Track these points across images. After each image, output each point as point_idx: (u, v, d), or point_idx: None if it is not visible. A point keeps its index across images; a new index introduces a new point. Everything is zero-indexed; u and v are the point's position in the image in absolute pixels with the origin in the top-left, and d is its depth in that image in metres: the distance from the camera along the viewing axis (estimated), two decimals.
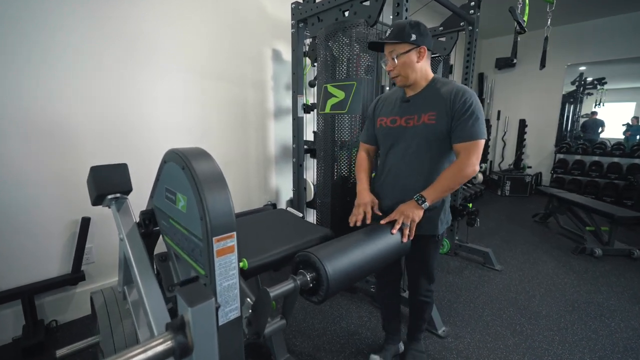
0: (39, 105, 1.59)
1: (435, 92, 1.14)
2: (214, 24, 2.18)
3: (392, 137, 1.22)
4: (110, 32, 1.76)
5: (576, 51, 4.84)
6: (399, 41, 1.10)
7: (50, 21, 1.57)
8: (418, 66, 1.13)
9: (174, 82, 2.05)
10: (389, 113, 1.25)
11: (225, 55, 2.27)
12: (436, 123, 1.11)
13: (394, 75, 1.17)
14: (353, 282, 0.96)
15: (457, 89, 1.10)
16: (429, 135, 1.13)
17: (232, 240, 0.70)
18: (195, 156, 0.73)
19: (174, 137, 2.09)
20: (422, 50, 1.12)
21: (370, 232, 1.04)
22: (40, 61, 1.57)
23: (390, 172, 1.25)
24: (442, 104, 1.10)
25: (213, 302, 0.59)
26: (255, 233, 1.37)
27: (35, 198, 1.63)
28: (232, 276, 0.72)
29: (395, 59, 1.12)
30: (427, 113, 1.13)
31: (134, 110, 1.91)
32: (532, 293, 2.14)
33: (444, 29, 2.48)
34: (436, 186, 1.08)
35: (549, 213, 3.55)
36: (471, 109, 1.06)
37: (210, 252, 0.67)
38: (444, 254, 2.74)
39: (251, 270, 1.13)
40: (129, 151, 1.89)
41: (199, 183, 0.68)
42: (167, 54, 1.99)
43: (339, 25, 1.92)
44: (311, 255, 0.86)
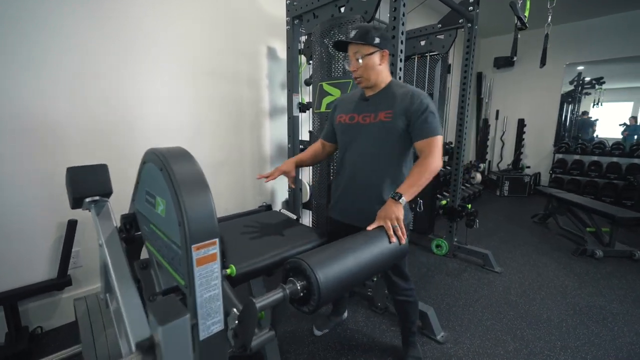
0: (25, 104, 1.53)
1: (393, 93, 1.20)
2: (207, 19, 2.12)
3: (350, 134, 1.28)
4: (97, 28, 1.69)
5: (574, 50, 4.81)
6: (364, 43, 1.15)
7: (36, 19, 1.51)
8: (379, 68, 1.20)
9: (166, 79, 1.99)
10: (347, 111, 1.30)
11: (219, 52, 2.21)
12: (392, 121, 1.17)
13: (357, 75, 1.21)
14: (347, 290, 0.91)
15: (412, 91, 1.18)
16: (385, 132, 1.19)
17: (213, 248, 0.65)
18: (174, 156, 0.67)
19: (166, 136, 2.03)
20: (385, 54, 1.19)
21: (364, 237, 0.99)
22: (26, 59, 1.50)
23: (348, 168, 1.29)
24: (398, 104, 1.17)
25: (187, 320, 0.53)
26: (246, 236, 1.32)
27: (20, 200, 1.57)
28: (214, 287, 0.66)
29: (360, 60, 1.16)
30: (384, 111, 1.19)
31: (124, 108, 1.84)
32: (532, 296, 2.10)
33: (442, 26, 2.43)
34: (408, 182, 1.09)
35: (548, 214, 3.51)
36: (428, 109, 1.13)
37: (190, 261, 0.62)
38: (442, 256, 2.69)
39: (240, 277, 1.07)
40: (118, 151, 1.83)
41: (176, 185, 0.62)
42: (158, 50, 1.93)
43: (335, 22, 1.86)
44: (302, 262, 0.80)
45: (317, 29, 1.95)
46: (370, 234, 1.01)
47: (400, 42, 1.60)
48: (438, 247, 2.73)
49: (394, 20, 1.59)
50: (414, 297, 1.41)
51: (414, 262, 2.58)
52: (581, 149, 4.70)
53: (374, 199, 1.22)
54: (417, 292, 2.12)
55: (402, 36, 1.60)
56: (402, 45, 1.60)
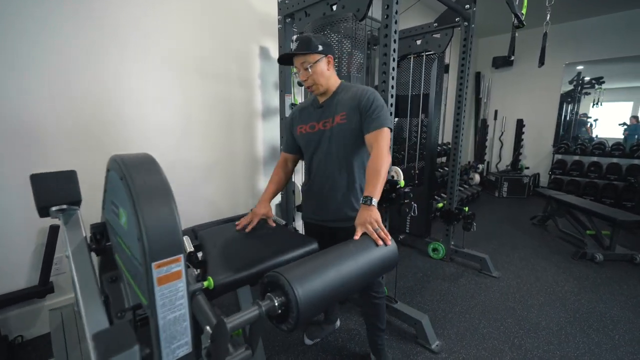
0: (7, 105, 1.47)
1: (344, 95, 1.25)
2: (196, 17, 2.06)
3: (314, 142, 1.30)
4: (82, 27, 1.63)
5: (574, 50, 4.76)
6: (309, 52, 1.18)
7: (21, 16, 1.45)
8: (328, 74, 1.24)
9: (154, 79, 1.93)
10: (306, 120, 1.33)
11: (209, 51, 2.16)
12: (347, 121, 1.21)
13: (308, 84, 1.24)
14: (330, 305, 0.85)
15: (361, 89, 1.23)
16: (344, 133, 1.23)
17: (177, 265, 0.59)
18: (135, 164, 0.61)
19: (153, 138, 1.97)
20: (330, 59, 1.23)
21: (348, 246, 0.93)
22: (8, 58, 1.44)
23: (317, 175, 1.33)
24: (349, 103, 1.21)
25: (136, 351, 0.47)
26: (232, 243, 1.26)
27: (0, 203, 1.51)
28: (179, 307, 0.61)
29: (309, 68, 1.19)
30: (339, 114, 1.23)
31: (110, 108, 1.78)
32: (530, 302, 2.04)
33: (438, 25, 2.38)
34: (372, 183, 1.08)
35: (547, 216, 3.46)
36: (375, 103, 1.17)
37: (150, 280, 0.56)
38: (439, 260, 2.64)
39: (222, 287, 1.01)
40: (104, 153, 1.76)
41: (136, 196, 0.57)
42: (145, 49, 1.87)
43: (326, 20, 1.81)
44: (280, 277, 0.75)
45: (308, 27, 1.90)
46: (355, 243, 0.95)
47: (393, 41, 1.54)
48: (434, 250, 2.67)
49: (387, 18, 1.53)
50: (384, 292, 1.46)
51: (410, 266, 2.52)
52: (580, 149, 4.64)
53: (344, 200, 1.29)
54: (412, 297, 2.07)
55: (395, 35, 1.54)
56: (395, 44, 1.55)
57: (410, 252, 2.81)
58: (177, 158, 2.11)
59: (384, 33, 1.56)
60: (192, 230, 1.43)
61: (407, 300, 2.04)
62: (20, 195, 1.55)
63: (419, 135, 2.72)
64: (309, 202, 1.42)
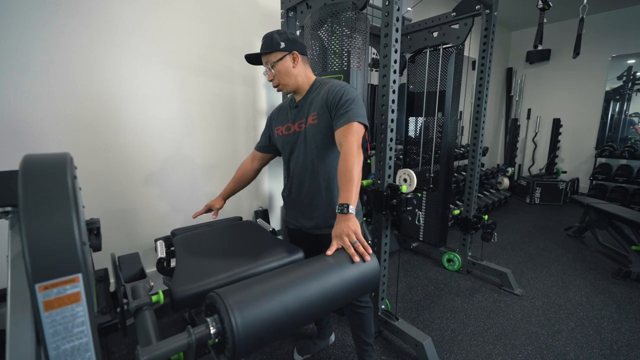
0: (4, 103, 1.49)
1: (317, 93, 1.17)
2: (197, 11, 2.01)
3: (290, 144, 1.24)
4: (80, 19, 1.63)
5: (622, 41, 4.24)
6: (270, 51, 1.12)
7: (20, 15, 1.46)
8: (295, 71, 1.16)
9: (153, 76, 1.90)
10: (283, 121, 1.27)
11: (211, 48, 2.10)
12: (318, 122, 1.14)
13: (275, 84, 1.19)
14: (281, 335, 0.72)
15: (332, 84, 1.13)
16: (317, 134, 1.15)
17: (74, 286, 0.50)
18: (35, 164, 0.53)
19: (153, 137, 1.94)
20: (295, 56, 1.15)
21: (318, 264, 0.80)
22: (6, 57, 1.46)
23: (295, 180, 1.26)
24: (320, 102, 1.13)
25: None
26: (205, 251, 1.17)
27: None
28: (78, 335, 0.51)
29: (272, 68, 1.13)
30: (311, 114, 1.16)
31: (108, 107, 1.77)
32: (558, 327, 1.78)
33: (456, 14, 2.16)
34: (345, 188, 0.96)
35: (585, 227, 3.08)
36: (344, 97, 1.08)
37: (35, 304, 0.47)
38: (453, 272, 2.41)
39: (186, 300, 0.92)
40: (102, 152, 1.76)
41: (21, 201, 0.48)
42: (145, 44, 1.84)
43: (325, 11, 1.68)
44: (217, 299, 0.64)
45: (308, 20, 1.78)
46: (324, 259, 0.82)
47: (395, 30, 1.38)
48: (449, 261, 2.45)
49: (387, 5, 1.38)
50: (370, 302, 1.35)
51: (420, 278, 2.32)
52: (629, 152, 4.12)
53: (323, 206, 1.21)
54: (419, 314, 1.89)
55: (398, 23, 1.38)
56: (398, 33, 1.39)
57: (422, 261, 2.60)
58: (177, 158, 2.07)
59: (385, 22, 1.40)
60: (172, 234, 1.37)
61: (413, 316, 1.86)
62: None
63: (434, 136, 2.50)
64: (288, 208, 1.36)
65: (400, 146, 2.83)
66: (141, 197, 1.93)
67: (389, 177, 1.49)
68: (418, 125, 2.69)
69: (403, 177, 2.15)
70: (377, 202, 1.48)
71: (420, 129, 2.67)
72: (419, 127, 2.69)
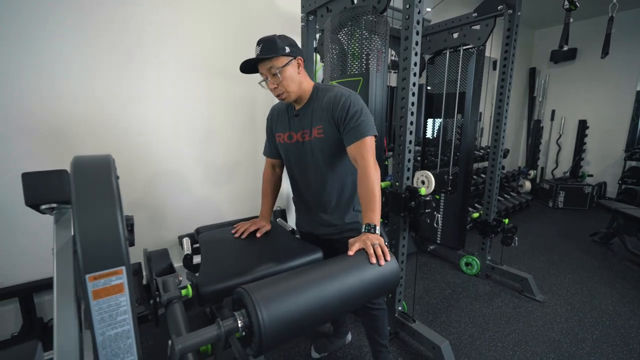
0: (38, 107, 1.60)
1: (319, 102, 1.12)
2: (220, 18, 2.08)
3: (292, 153, 1.22)
4: (110, 29, 1.72)
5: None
6: (274, 55, 1.03)
7: (49, 24, 1.57)
8: (299, 78, 1.10)
9: (179, 80, 1.98)
10: (284, 129, 1.22)
11: (233, 51, 2.17)
12: (324, 136, 1.11)
13: (278, 92, 1.10)
14: (304, 331, 0.75)
15: (334, 94, 1.09)
16: (323, 147, 1.13)
17: (118, 278, 0.54)
18: (83, 165, 0.58)
19: (179, 137, 2.03)
20: (300, 62, 1.10)
21: (337, 265, 0.82)
22: (42, 63, 1.57)
23: (301, 186, 1.26)
24: (325, 115, 1.09)
25: None
26: (228, 249, 1.22)
27: None
28: (121, 323, 0.56)
29: (278, 74, 1.04)
30: (315, 127, 1.12)
31: (138, 109, 1.86)
32: (582, 336, 1.72)
33: (477, 15, 2.13)
34: (369, 208, 0.99)
35: (612, 233, 2.95)
36: (351, 110, 1.05)
37: (85, 293, 0.52)
38: (472, 276, 2.37)
39: (211, 295, 0.97)
40: (132, 152, 1.85)
41: (74, 200, 0.53)
42: (172, 50, 1.92)
43: (346, 14, 1.70)
44: (245, 295, 0.67)
45: (328, 23, 1.81)
46: (345, 260, 0.84)
47: (416, 33, 1.39)
48: (468, 265, 2.41)
49: (408, 8, 1.39)
50: (383, 304, 1.35)
51: (438, 281, 2.30)
52: None
53: (332, 212, 1.22)
54: (436, 317, 1.88)
55: (418, 26, 1.39)
56: (418, 36, 1.40)
57: (440, 264, 2.57)
58: (201, 158, 2.15)
59: (406, 24, 1.41)
60: (197, 232, 1.43)
61: (430, 319, 1.85)
62: None
63: (453, 138, 2.47)
64: (299, 213, 1.37)
65: (418, 147, 2.81)
66: (165, 194, 2.02)
67: (408, 179, 1.49)
68: (436, 126, 2.67)
69: (421, 179, 2.13)
70: (396, 204, 1.49)
71: (438, 130, 2.64)
72: (438, 128, 2.66)
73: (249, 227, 1.28)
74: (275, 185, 1.41)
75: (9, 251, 1.63)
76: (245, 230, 1.27)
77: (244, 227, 1.28)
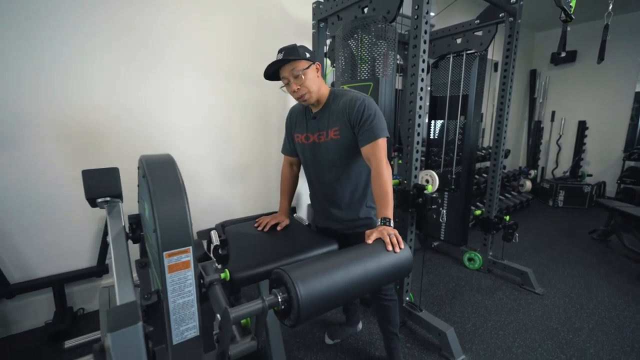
0: (68, 112, 1.72)
1: (335, 106, 1.21)
2: (236, 23, 2.21)
3: (309, 153, 1.32)
4: (135, 41, 1.85)
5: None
6: (298, 58, 1.13)
7: (80, 36, 1.69)
8: (319, 82, 1.20)
9: (199, 85, 2.10)
10: (302, 130, 1.32)
11: (248, 57, 2.29)
12: (340, 137, 1.20)
13: (301, 94, 1.17)
14: (334, 306, 0.86)
15: (349, 99, 1.18)
16: (339, 149, 1.22)
17: (186, 256, 0.66)
18: (155, 164, 0.69)
19: (200, 138, 2.15)
20: (318, 67, 1.20)
21: (359, 251, 0.94)
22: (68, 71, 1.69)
23: (317, 185, 1.36)
24: (341, 117, 1.18)
25: (140, 327, 0.54)
26: (256, 240, 1.33)
27: (66, 195, 1.77)
28: (187, 293, 0.67)
29: (302, 75, 1.14)
30: (332, 129, 1.21)
31: (161, 112, 1.99)
32: (579, 325, 1.83)
33: (480, 22, 2.24)
34: (382, 204, 1.09)
35: (610, 230, 3.06)
36: (365, 114, 1.14)
37: (162, 267, 0.63)
38: (474, 270, 2.48)
39: (242, 280, 1.08)
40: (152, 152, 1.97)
41: (152, 193, 0.64)
42: (192, 57, 2.05)
43: (357, 23, 1.82)
44: (284, 274, 0.78)
45: (339, 31, 1.92)
46: (366, 247, 0.95)
47: (423, 42, 1.50)
48: (470, 260, 2.52)
49: (416, 19, 1.50)
50: (394, 295, 1.44)
51: (442, 275, 2.41)
52: None
53: (348, 209, 1.31)
54: (441, 307, 1.99)
55: (426, 35, 1.50)
56: (425, 44, 1.51)
57: (444, 260, 2.68)
58: (218, 158, 2.27)
59: (414, 34, 1.53)
60: (222, 225, 1.54)
61: (435, 309, 1.96)
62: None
63: (456, 138, 2.58)
64: (315, 209, 1.47)
65: (422, 148, 2.92)
66: None
67: (415, 177, 1.61)
68: (440, 128, 2.78)
69: (425, 178, 2.25)
70: (404, 200, 1.60)
71: (442, 131, 2.75)
72: (441, 130, 2.77)
73: (270, 221, 1.38)
74: (293, 182, 1.50)
75: (42, 245, 1.75)
76: (267, 224, 1.37)
77: (265, 220, 1.39)
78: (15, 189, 1.64)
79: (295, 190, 1.53)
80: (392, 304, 1.42)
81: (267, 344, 1.49)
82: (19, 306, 1.72)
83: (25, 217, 1.68)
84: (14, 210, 1.65)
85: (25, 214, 1.68)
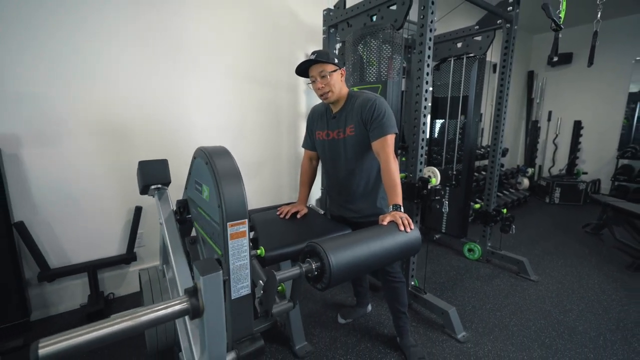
0: (100, 109, 1.88)
1: (352, 106, 1.36)
2: (251, 28, 2.37)
3: (329, 150, 1.47)
4: (167, 48, 2.01)
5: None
6: (327, 61, 1.29)
7: (109, 44, 1.85)
8: (341, 84, 1.36)
9: (216, 86, 2.26)
10: (322, 127, 1.48)
11: (262, 60, 2.45)
12: (356, 134, 1.35)
13: (325, 91, 1.33)
14: (357, 274, 1.02)
15: (363, 99, 1.33)
16: (354, 144, 1.37)
17: (243, 226, 0.82)
18: (216, 153, 0.85)
19: (215, 136, 2.31)
20: (343, 72, 1.36)
21: (376, 230, 1.10)
22: (103, 75, 1.85)
23: (334, 179, 1.51)
24: (356, 116, 1.34)
25: (221, 274, 0.70)
26: (279, 226, 1.49)
27: (99, 188, 1.92)
28: (243, 257, 0.83)
29: (328, 76, 1.30)
30: (348, 126, 1.36)
31: (180, 112, 2.15)
32: (569, 307, 2.00)
33: (479, 27, 2.40)
34: (393, 193, 1.22)
35: (602, 224, 3.22)
36: (376, 112, 1.28)
37: (225, 235, 0.79)
38: (474, 260, 2.65)
39: (270, 259, 1.24)
40: (175, 148, 2.13)
41: (217, 176, 0.80)
42: (209, 60, 2.21)
43: (366, 30, 1.98)
44: (317, 246, 0.94)
45: (349, 37, 2.08)
46: (382, 227, 1.11)
47: (428, 48, 1.66)
48: (470, 251, 2.69)
49: (422, 27, 1.66)
50: (402, 277, 1.57)
51: (443, 265, 2.58)
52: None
53: (362, 202, 1.45)
54: (443, 292, 2.15)
55: (430, 42, 1.66)
56: (430, 50, 1.67)
57: (445, 251, 2.85)
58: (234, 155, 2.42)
59: (420, 40, 1.69)
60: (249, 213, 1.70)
61: (438, 294, 2.11)
62: (111, 181, 1.95)
63: (456, 137, 2.75)
64: (332, 200, 1.62)
65: None
66: None
67: (420, 171, 1.77)
68: (441, 127, 2.94)
69: (427, 174, 2.41)
70: (410, 192, 1.76)
71: (443, 130, 2.91)
72: (443, 129, 2.94)
73: (291, 210, 1.54)
74: (312, 175, 1.66)
75: (78, 234, 1.91)
76: (288, 212, 1.53)
77: (287, 209, 1.55)
78: (56, 183, 1.79)
79: (313, 182, 1.68)
80: (400, 285, 1.57)
81: (287, 322, 1.66)
82: (58, 289, 1.88)
83: (64, 209, 1.84)
84: (55, 203, 1.81)
85: (65, 206, 1.84)
